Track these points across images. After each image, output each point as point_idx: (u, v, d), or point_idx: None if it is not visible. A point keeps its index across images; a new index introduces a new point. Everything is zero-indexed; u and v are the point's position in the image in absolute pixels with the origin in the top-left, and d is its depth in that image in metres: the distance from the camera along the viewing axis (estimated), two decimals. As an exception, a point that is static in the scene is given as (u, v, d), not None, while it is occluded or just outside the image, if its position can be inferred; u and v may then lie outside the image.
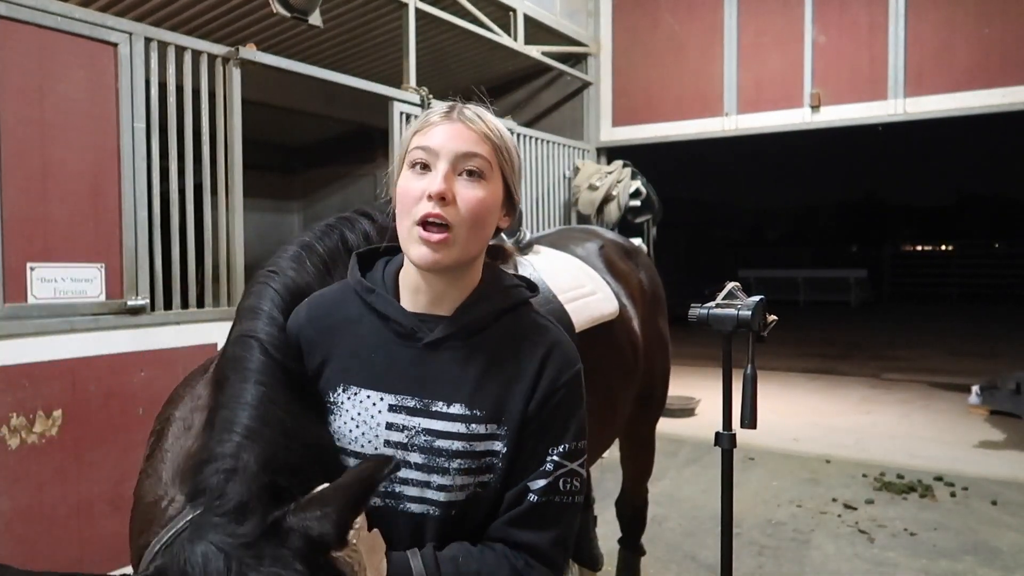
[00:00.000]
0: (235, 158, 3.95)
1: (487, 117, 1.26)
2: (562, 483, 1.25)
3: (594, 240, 2.87)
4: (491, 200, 1.23)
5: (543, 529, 1.23)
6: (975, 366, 10.45)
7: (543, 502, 1.24)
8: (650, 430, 3.12)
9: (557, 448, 1.25)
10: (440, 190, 1.16)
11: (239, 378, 1.20)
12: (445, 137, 1.20)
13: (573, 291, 2.34)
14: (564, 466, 1.25)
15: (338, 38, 6.05)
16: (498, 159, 1.25)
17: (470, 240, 1.21)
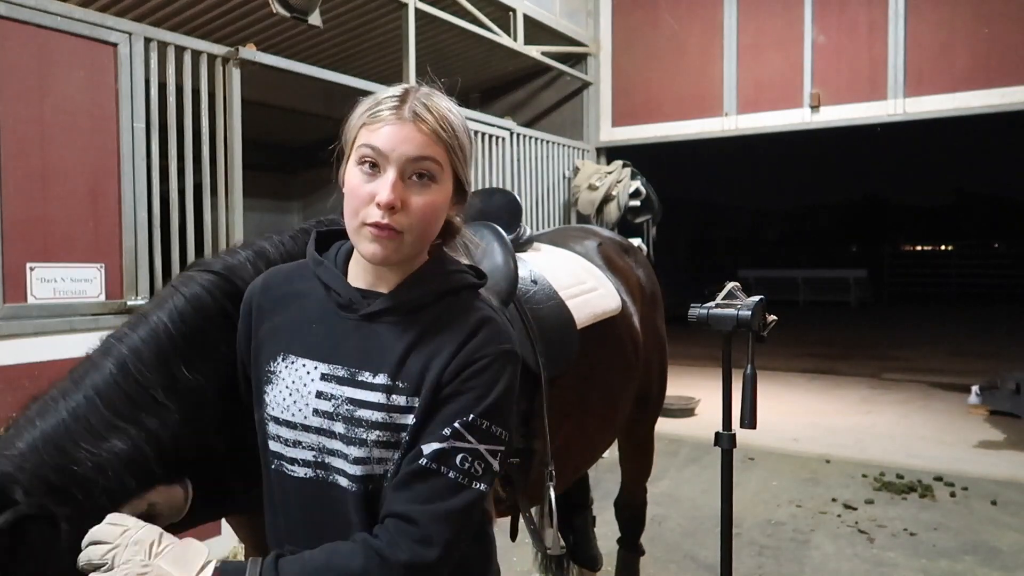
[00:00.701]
0: (235, 158, 3.95)
1: (439, 109, 1.21)
2: (459, 458, 1.15)
3: (592, 238, 2.88)
4: (441, 201, 1.23)
5: (425, 500, 1.13)
6: (975, 366, 10.45)
7: (432, 469, 1.15)
8: (648, 430, 3.11)
9: (462, 417, 1.17)
10: (389, 200, 1.15)
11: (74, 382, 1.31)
12: (396, 139, 1.17)
13: (574, 287, 2.34)
14: (465, 439, 1.16)
15: (338, 38, 6.06)
16: (450, 158, 1.22)
17: (419, 240, 1.22)
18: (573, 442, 2.30)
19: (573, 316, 2.23)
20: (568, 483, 2.56)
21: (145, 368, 1.33)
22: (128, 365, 1.32)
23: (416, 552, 1.10)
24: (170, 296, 1.41)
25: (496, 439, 1.20)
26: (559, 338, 2.15)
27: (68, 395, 1.29)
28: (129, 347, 1.34)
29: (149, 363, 1.33)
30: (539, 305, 2.16)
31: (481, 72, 7.36)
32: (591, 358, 2.32)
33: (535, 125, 7.72)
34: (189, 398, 1.35)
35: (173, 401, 1.33)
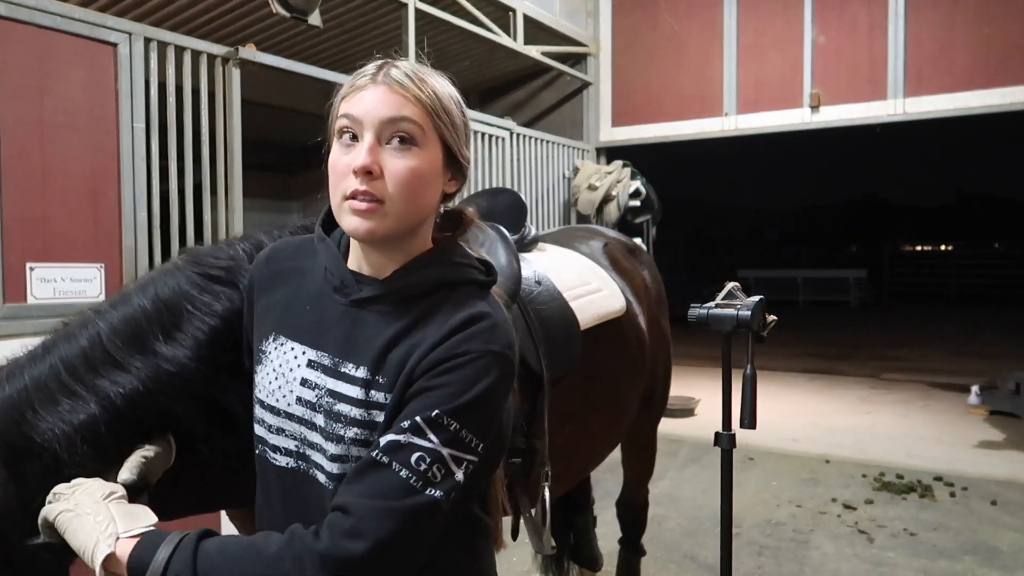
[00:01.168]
0: (235, 158, 3.95)
1: (421, 75, 1.13)
2: (415, 457, 1.02)
3: (597, 238, 2.88)
4: (425, 167, 1.12)
5: (366, 494, 1.01)
6: (974, 366, 10.46)
7: (381, 462, 1.03)
8: (652, 430, 3.11)
9: (427, 412, 1.04)
10: (364, 164, 1.07)
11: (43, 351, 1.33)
12: (370, 103, 1.10)
13: (579, 288, 2.34)
14: (424, 435, 1.03)
15: (338, 38, 6.06)
16: (433, 121, 1.12)
17: (405, 211, 1.11)
18: (577, 442, 2.30)
19: (577, 317, 2.23)
20: (572, 484, 2.55)
21: (120, 342, 1.32)
22: (101, 337, 1.32)
23: (338, 543, 0.98)
24: (151, 283, 1.39)
25: (464, 445, 1.05)
26: (562, 339, 2.15)
27: (36, 362, 1.30)
28: (107, 322, 1.34)
29: (125, 339, 1.32)
30: (543, 306, 2.16)
31: (481, 72, 7.36)
32: (595, 359, 2.32)
33: (535, 125, 7.72)
34: (163, 374, 1.31)
35: (144, 374, 1.30)
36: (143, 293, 1.38)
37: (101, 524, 1.06)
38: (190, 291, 1.37)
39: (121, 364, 1.30)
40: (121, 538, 1.05)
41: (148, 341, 1.32)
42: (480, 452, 1.07)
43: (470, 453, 1.05)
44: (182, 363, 1.32)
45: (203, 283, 1.38)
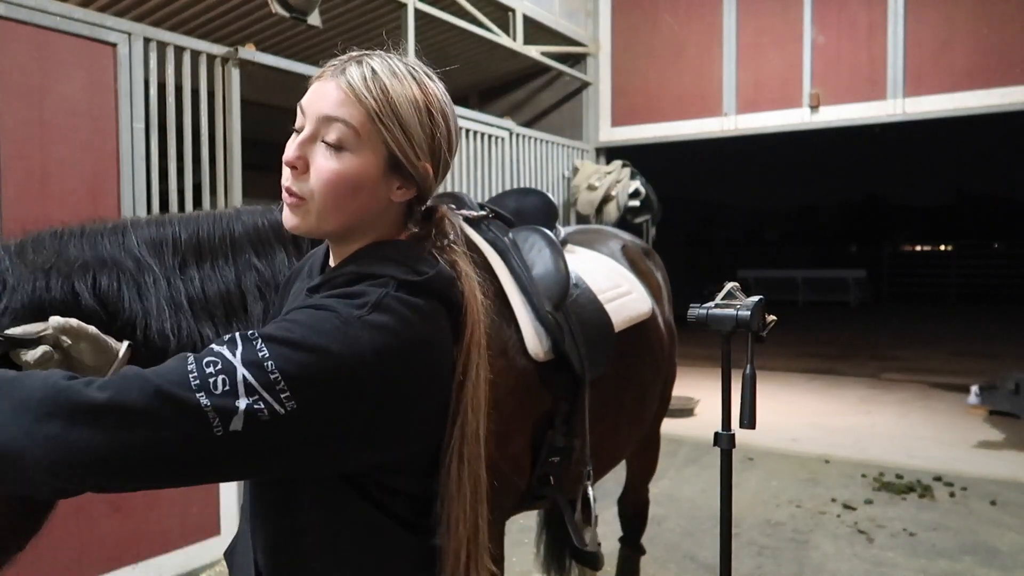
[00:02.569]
0: (234, 158, 3.95)
1: (382, 75, 1.06)
2: (208, 360, 0.90)
3: (615, 240, 2.93)
4: (354, 174, 1.04)
5: (148, 370, 0.91)
6: (974, 366, 10.46)
7: (182, 356, 0.93)
8: (657, 428, 3.14)
9: (246, 331, 0.96)
10: (287, 158, 1.05)
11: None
12: (315, 96, 1.07)
13: (611, 291, 2.37)
14: (233, 348, 0.92)
15: (337, 38, 6.06)
16: (375, 125, 1.04)
17: (328, 213, 1.05)
18: (605, 442, 2.33)
19: (611, 319, 2.26)
20: (593, 482, 2.60)
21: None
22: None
23: (77, 387, 0.87)
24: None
25: (265, 377, 0.90)
26: (599, 341, 2.19)
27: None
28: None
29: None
30: (581, 308, 2.18)
31: (480, 72, 7.37)
32: (626, 360, 2.36)
33: (534, 125, 7.72)
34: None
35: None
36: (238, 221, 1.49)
37: None
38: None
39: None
40: None
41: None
42: (286, 405, 0.89)
43: (269, 392, 0.89)
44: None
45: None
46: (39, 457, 0.85)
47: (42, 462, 0.85)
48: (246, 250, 1.45)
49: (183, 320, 1.37)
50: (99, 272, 1.32)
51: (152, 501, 3.55)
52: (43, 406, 0.85)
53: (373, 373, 0.96)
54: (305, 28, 5.03)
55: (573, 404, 2.08)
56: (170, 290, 1.37)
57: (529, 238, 2.20)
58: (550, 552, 3.06)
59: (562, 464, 2.08)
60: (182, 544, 3.71)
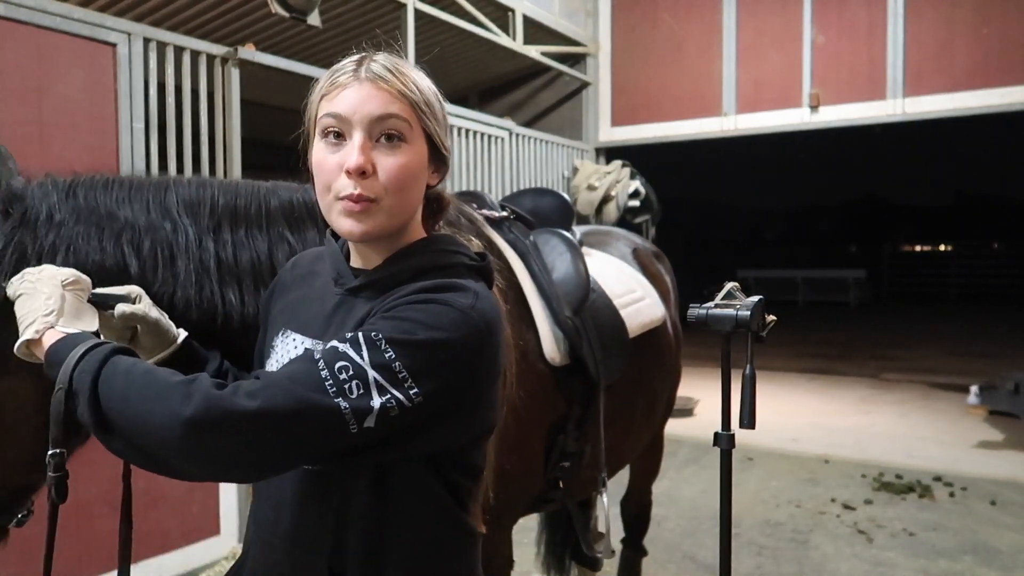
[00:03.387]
0: (234, 158, 3.95)
1: (401, 69, 1.12)
2: (339, 365, 0.98)
3: (625, 242, 2.93)
4: (415, 163, 1.12)
5: (284, 375, 1.00)
6: (974, 366, 10.45)
7: (311, 357, 1.01)
8: (661, 429, 3.14)
9: (369, 332, 1.01)
10: (358, 164, 1.06)
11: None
12: (357, 101, 1.08)
13: (626, 296, 2.38)
14: (359, 350, 0.99)
15: (337, 38, 6.05)
16: (418, 115, 1.12)
17: (397, 207, 1.11)
18: (616, 446, 2.34)
19: (626, 325, 2.26)
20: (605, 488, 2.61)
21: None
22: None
23: (231, 395, 0.95)
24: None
25: (393, 377, 0.98)
26: (615, 346, 2.19)
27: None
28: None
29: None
30: (597, 313, 2.19)
31: (480, 72, 7.36)
32: (638, 366, 2.37)
33: (534, 125, 7.72)
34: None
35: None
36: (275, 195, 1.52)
37: (45, 307, 1.13)
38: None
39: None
40: (55, 328, 1.11)
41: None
42: (413, 399, 0.99)
43: (398, 390, 0.98)
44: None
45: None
46: (189, 461, 0.96)
47: (191, 467, 0.98)
48: (279, 223, 1.48)
49: (207, 284, 1.39)
50: (143, 238, 1.36)
51: (152, 501, 3.55)
52: (198, 418, 0.93)
53: (482, 355, 1.07)
54: (305, 28, 5.03)
55: (586, 409, 2.08)
56: (200, 251, 1.39)
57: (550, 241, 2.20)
58: (550, 552, 3.06)
59: (572, 469, 2.08)
60: (182, 544, 3.71)
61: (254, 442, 0.95)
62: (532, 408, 1.90)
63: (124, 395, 0.98)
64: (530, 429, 1.91)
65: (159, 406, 0.95)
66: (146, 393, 0.97)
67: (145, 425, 0.96)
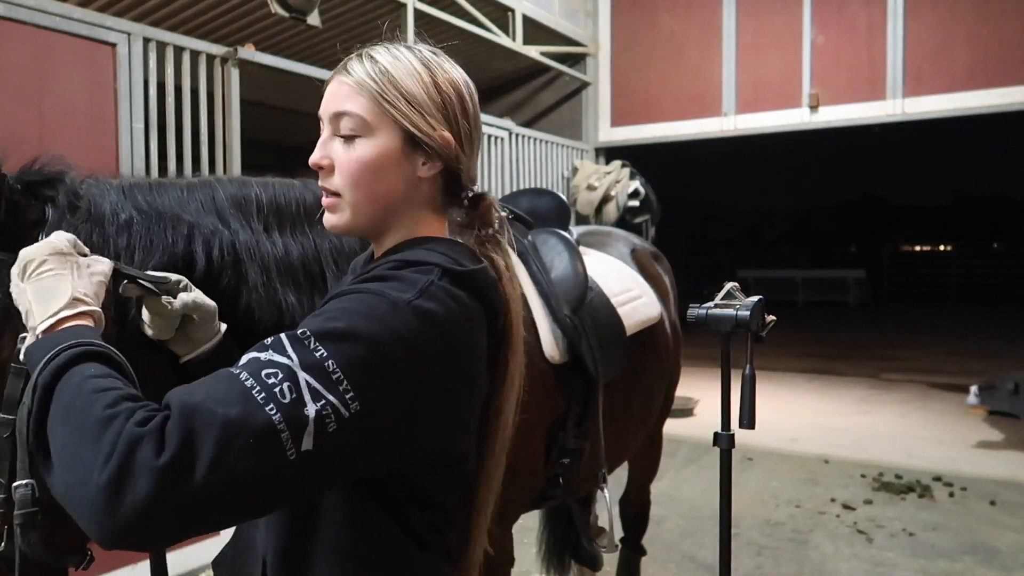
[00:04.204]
0: (234, 158, 3.95)
1: (377, 58, 1.08)
2: (266, 372, 0.83)
3: (624, 243, 2.94)
4: (372, 157, 1.06)
5: (197, 390, 0.82)
6: (974, 366, 10.46)
7: (231, 372, 0.84)
8: (659, 428, 3.15)
9: (293, 331, 0.89)
10: (313, 160, 1.10)
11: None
12: (326, 100, 1.11)
13: (623, 295, 2.39)
14: (284, 352, 0.86)
15: (337, 38, 6.05)
16: (380, 107, 1.06)
17: (360, 203, 1.07)
18: (613, 444, 2.35)
19: (623, 323, 2.27)
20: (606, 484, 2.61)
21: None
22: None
23: (131, 430, 0.77)
24: None
25: (328, 380, 0.84)
26: (612, 344, 2.21)
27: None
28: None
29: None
30: (595, 311, 2.20)
31: (480, 72, 7.36)
32: (635, 364, 2.38)
33: (534, 125, 7.72)
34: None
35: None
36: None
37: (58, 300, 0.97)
38: None
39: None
40: (44, 323, 0.94)
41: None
42: (352, 407, 0.84)
43: (333, 395, 0.84)
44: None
45: None
46: (105, 518, 0.75)
47: (108, 524, 0.76)
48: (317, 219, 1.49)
49: (270, 290, 1.37)
50: (212, 239, 1.34)
51: (151, 501, 3.55)
52: (110, 461, 0.75)
53: (424, 358, 0.93)
54: (305, 28, 5.03)
55: (586, 406, 2.09)
56: (260, 254, 1.38)
57: (548, 240, 2.22)
58: (550, 552, 3.06)
59: (572, 465, 2.09)
60: (181, 544, 3.71)
61: (179, 469, 0.76)
62: (533, 406, 1.91)
63: (63, 417, 0.82)
64: (531, 427, 1.92)
65: (82, 450, 0.78)
66: (84, 421, 0.79)
67: (68, 468, 0.79)
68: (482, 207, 1.17)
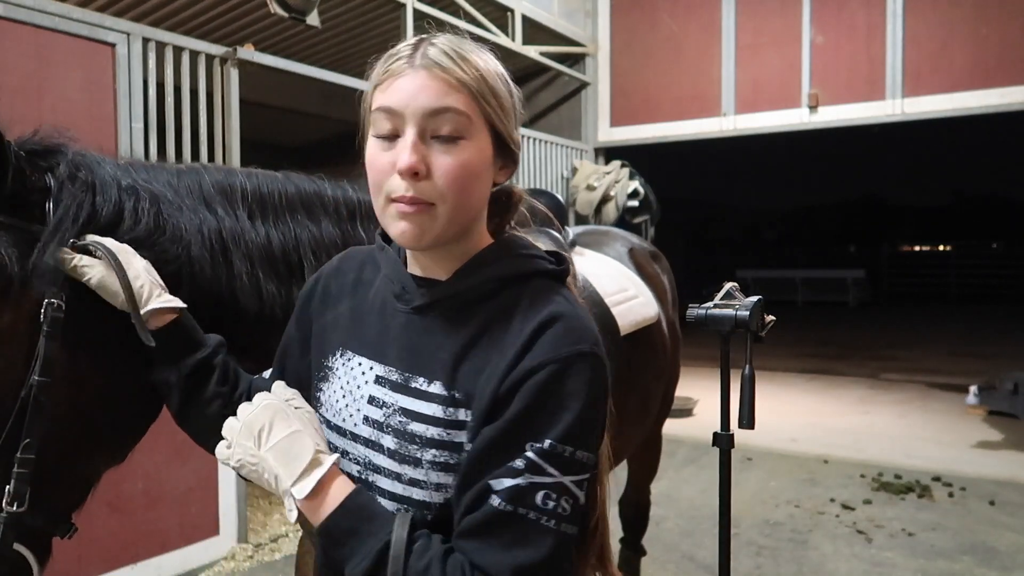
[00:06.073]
0: (233, 158, 3.95)
1: (463, 51, 1.00)
2: (541, 496, 0.91)
3: (622, 243, 2.94)
4: (475, 161, 0.99)
5: (508, 548, 0.90)
6: (973, 366, 10.46)
7: (508, 512, 0.91)
8: (659, 429, 3.15)
9: (536, 443, 0.92)
10: (410, 165, 0.94)
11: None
12: (409, 92, 0.96)
13: (618, 294, 2.37)
14: (543, 471, 0.91)
15: (336, 38, 6.06)
16: (480, 107, 0.99)
17: (456, 212, 0.98)
18: (609, 444, 2.34)
19: (617, 323, 2.26)
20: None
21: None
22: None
23: None
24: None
25: (582, 467, 0.94)
26: (606, 344, 2.19)
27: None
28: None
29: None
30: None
31: (479, 72, 7.37)
32: (631, 365, 2.36)
33: (533, 125, 7.72)
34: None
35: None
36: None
37: (294, 461, 0.97)
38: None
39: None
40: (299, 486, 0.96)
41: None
42: (592, 465, 0.98)
43: (585, 471, 0.96)
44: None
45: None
46: None
47: None
48: (299, 210, 1.48)
49: (253, 278, 1.37)
50: (202, 223, 1.34)
51: (151, 501, 3.55)
52: None
53: (604, 383, 1.03)
54: (304, 28, 5.03)
55: None
56: (245, 242, 1.38)
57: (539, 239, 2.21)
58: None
59: None
60: (181, 544, 3.71)
61: None
62: None
63: None
64: None
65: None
66: None
67: None
68: (514, 201, 1.16)
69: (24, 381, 1.09)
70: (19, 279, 1.09)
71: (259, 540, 4.13)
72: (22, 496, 1.08)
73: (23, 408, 1.08)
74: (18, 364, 1.09)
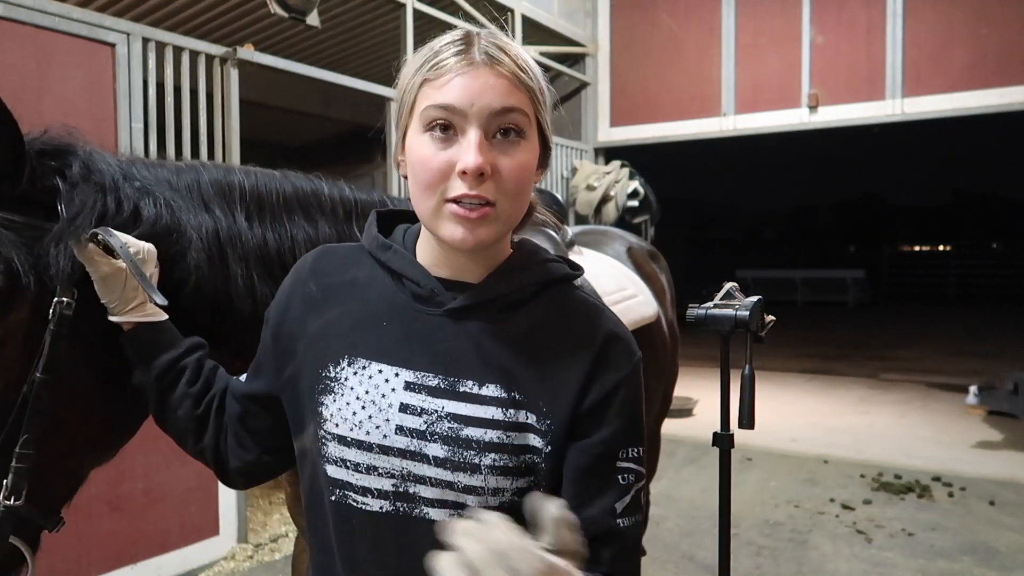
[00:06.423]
0: (233, 158, 3.95)
1: (512, 50, 0.97)
2: (641, 498, 1.02)
3: (621, 242, 2.94)
4: (531, 162, 0.98)
5: (630, 558, 0.99)
6: (973, 366, 10.46)
7: (631, 525, 0.98)
8: (657, 429, 3.16)
9: (632, 450, 1.00)
10: (479, 165, 0.90)
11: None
12: (473, 90, 0.92)
13: (617, 293, 2.37)
14: (640, 475, 1.01)
15: (336, 38, 6.06)
16: (535, 106, 0.98)
17: (513, 213, 0.97)
18: None
19: None
20: None
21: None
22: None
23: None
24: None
25: (642, 459, 1.04)
26: None
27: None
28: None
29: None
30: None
31: (479, 72, 7.37)
32: None
33: (533, 125, 7.71)
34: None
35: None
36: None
37: None
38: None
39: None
40: None
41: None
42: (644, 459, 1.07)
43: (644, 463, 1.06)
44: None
45: None
46: None
47: None
48: (296, 210, 1.47)
49: (248, 280, 1.37)
50: (198, 224, 1.34)
51: (151, 501, 3.55)
52: None
53: None
54: (304, 28, 5.03)
55: None
56: (241, 243, 1.37)
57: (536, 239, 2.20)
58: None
59: None
60: (181, 544, 3.71)
61: None
62: None
63: None
64: None
65: None
66: None
67: None
68: (533, 204, 1.17)
69: (26, 377, 1.10)
70: (33, 276, 1.10)
71: (259, 540, 4.13)
72: (19, 490, 1.09)
73: (24, 404, 1.09)
74: (22, 360, 1.10)
